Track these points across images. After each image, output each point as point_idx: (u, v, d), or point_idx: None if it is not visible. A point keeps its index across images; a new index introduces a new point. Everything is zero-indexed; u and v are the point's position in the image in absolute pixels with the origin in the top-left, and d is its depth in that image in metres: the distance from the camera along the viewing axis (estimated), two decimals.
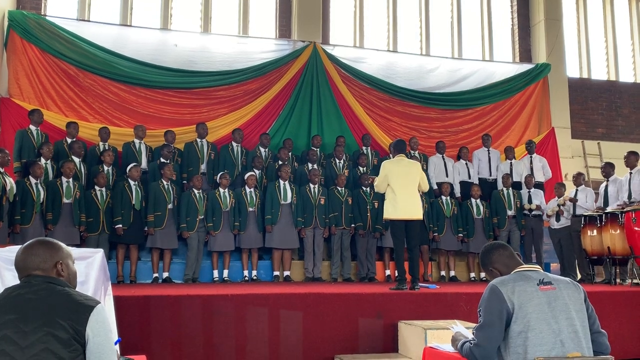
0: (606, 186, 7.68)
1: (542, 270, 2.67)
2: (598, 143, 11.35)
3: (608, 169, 7.76)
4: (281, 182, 7.70)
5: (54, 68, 8.65)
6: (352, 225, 7.87)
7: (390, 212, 6.04)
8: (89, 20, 9.48)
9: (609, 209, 7.09)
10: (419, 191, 6.16)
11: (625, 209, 6.64)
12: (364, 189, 7.98)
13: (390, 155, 6.80)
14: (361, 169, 8.54)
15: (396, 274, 6.45)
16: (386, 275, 8.03)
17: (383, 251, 8.06)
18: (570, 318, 2.49)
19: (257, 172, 8.01)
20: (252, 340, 4.56)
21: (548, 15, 11.39)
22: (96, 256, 3.40)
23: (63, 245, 2.15)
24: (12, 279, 2.98)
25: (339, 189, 7.95)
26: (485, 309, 2.55)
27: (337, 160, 8.64)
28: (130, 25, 9.72)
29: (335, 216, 7.81)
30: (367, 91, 10.05)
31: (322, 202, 7.79)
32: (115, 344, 2.48)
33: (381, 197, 6.44)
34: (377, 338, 4.81)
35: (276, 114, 9.52)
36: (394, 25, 11.15)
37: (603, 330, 2.63)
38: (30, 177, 6.65)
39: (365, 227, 7.84)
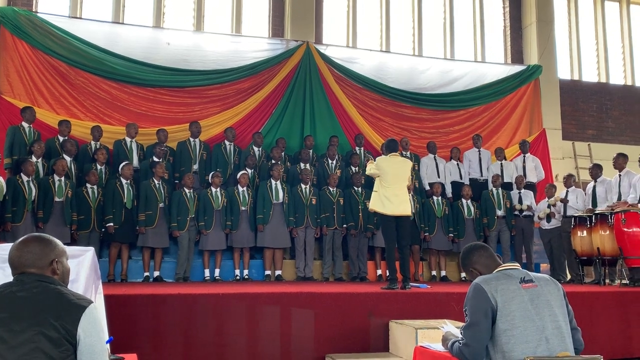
0: (594, 187, 7.73)
1: (521, 268, 2.72)
2: (588, 144, 11.44)
3: (596, 171, 7.81)
4: (273, 181, 7.70)
5: (45, 65, 8.59)
6: (344, 225, 7.88)
7: (379, 206, 6.05)
8: (80, 18, 9.44)
9: (598, 210, 7.15)
10: (408, 190, 6.19)
11: (615, 210, 6.69)
12: (356, 189, 7.99)
13: (383, 155, 6.81)
14: (353, 169, 8.55)
15: (387, 274, 6.47)
16: (377, 274, 8.05)
17: (374, 251, 8.07)
18: (553, 314, 2.55)
19: (249, 171, 8.00)
20: (242, 338, 4.56)
21: (540, 17, 11.47)
22: (87, 254, 3.38)
23: (58, 241, 2.13)
24: (2, 276, 2.96)
25: (331, 189, 7.96)
26: (470, 309, 2.59)
27: (330, 160, 8.64)
28: (123, 23, 9.67)
29: (326, 217, 7.81)
30: (360, 91, 10.05)
31: (314, 202, 7.79)
32: (107, 342, 2.48)
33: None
34: (368, 337, 4.82)
35: (269, 113, 9.49)
36: (386, 26, 11.17)
37: (578, 327, 2.71)
38: (22, 175, 6.61)
39: (357, 227, 7.84)
